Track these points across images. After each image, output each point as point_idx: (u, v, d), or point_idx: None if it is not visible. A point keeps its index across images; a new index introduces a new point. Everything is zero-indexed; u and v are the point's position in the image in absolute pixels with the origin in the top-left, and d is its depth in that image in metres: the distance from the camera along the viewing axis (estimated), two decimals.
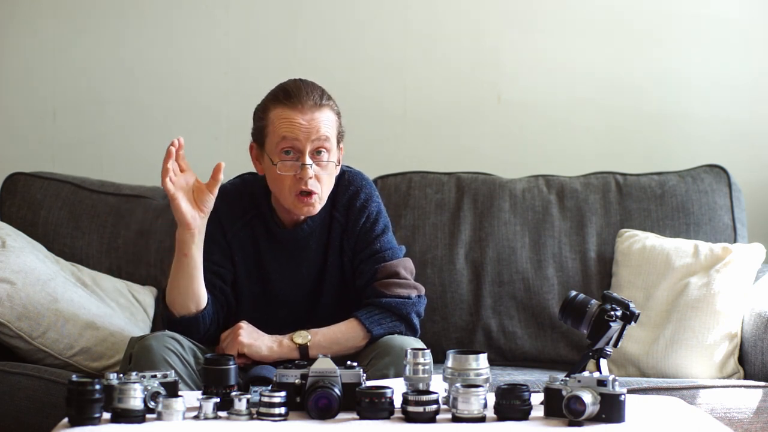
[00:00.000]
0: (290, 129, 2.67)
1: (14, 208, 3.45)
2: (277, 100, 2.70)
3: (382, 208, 2.82)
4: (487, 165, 3.64)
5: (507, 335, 3.38)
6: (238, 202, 2.79)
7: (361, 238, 2.77)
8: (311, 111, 2.67)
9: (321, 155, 2.68)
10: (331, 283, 2.78)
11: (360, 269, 2.76)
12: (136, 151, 3.82)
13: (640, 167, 3.62)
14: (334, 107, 2.73)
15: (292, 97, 2.68)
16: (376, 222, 2.78)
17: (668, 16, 3.80)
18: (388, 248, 2.77)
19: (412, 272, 2.78)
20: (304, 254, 2.77)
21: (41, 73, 3.81)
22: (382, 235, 2.78)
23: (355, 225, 2.77)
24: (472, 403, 2.21)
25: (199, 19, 3.82)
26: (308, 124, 2.66)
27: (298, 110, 2.67)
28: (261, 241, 2.77)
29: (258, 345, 2.66)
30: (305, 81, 2.74)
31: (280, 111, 2.68)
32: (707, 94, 3.80)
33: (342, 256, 2.78)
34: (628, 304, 2.47)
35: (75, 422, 2.15)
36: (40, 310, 3.04)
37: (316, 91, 2.70)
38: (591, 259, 3.41)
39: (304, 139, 2.66)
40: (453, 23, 3.82)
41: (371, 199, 2.80)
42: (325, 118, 2.69)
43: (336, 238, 2.78)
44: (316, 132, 2.67)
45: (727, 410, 2.88)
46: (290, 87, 2.71)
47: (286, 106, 2.68)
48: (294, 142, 2.67)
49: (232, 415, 2.24)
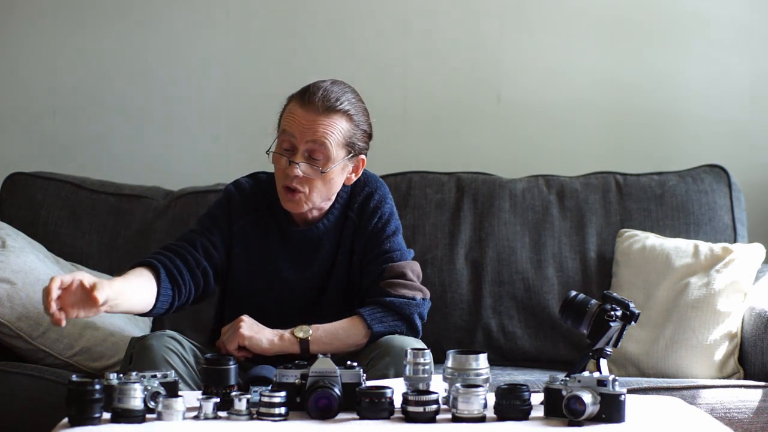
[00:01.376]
0: (290, 124, 2.67)
1: (14, 208, 3.45)
2: (295, 95, 2.71)
3: (395, 210, 2.83)
4: (487, 165, 3.64)
5: (507, 335, 3.38)
6: (252, 198, 2.79)
7: (372, 238, 2.77)
8: (316, 113, 2.65)
9: (315, 159, 2.67)
10: (338, 282, 2.79)
11: (367, 268, 2.76)
12: (136, 151, 3.82)
13: (640, 167, 3.62)
14: (351, 113, 2.69)
15: (305, 94, 2.68)
16: (388, 223, 2.79)
17: (668, 16, 3.80)
18: (397, 249, 2.77)
19: (419, 275, 2.78)
20: (317, 253, 2.77)
21: (41, 73, 3.81)
22: (392, 237, 2.78)
23: (367, 225, 2.78)
24: (472, 403, 2.21)
25: (199, 20, 3.82)
26: (308, 124, 2.66)
27: (305, 107, 2.66)
28: (271, 239, 2.77)
29: (259, 338, 2.66)
30: (337, 83, 2.72)
31: (292, 105, 2.69)
32: (707, 94, 3.80)
33: (352, 255, 2.79)
34: (628, 304, 2.47)
35: (75, 422, 2.15)
36: (40, 310, 3.04)
37: (334, 94, 2.67)
38: (591, 259, 3.41)
39: (299, 137, 2.66)
40: (453, 23, 3.82)
41: (385, 200, 2.81)
42: (330, 123, 2.66)
43: (348, 238, 2.78)
44: (312, 134, 2.65)
45: (727, 410, 2.88)
46: (312, 85, 2.70)
47: (297, 102, 2.68)
48: (290, 138, 2.67)
49: (232, 415, 2.24)
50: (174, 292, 2.64)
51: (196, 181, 3.64)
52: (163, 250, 2.70)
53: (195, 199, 3.47)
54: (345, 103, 2.68)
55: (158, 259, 2.65)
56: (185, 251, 2.69)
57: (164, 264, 2.64)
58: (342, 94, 2.69)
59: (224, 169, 3.77)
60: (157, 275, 2.62)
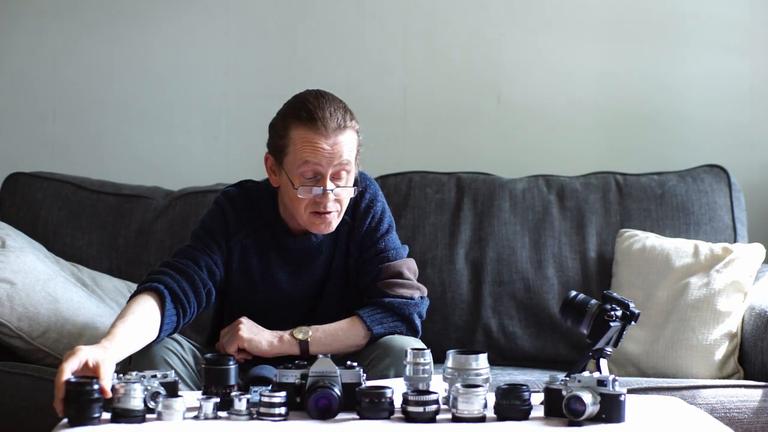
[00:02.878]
0: (313, 154, 2.61)
1: (14, 208, 3.46)
2: (299, 120, 2.62)
3: (386, 207, 2.81)
4: (487, 165, 3.64)
5: (507, 335, 3.38)
6: (245, 209, 2.75)
7: (366, 238, 2.76)
8: (335, 135, 2.61)
9: (341, 178, 2.65)
10: (335, 285, 2.78)
11: (364, 269, 2.76)
12: (136, 151, 3.82)
13: (640, 167, 3.62)
14: (355, 126, 2.66)
15: (316, 119, 2.60)
16: (381, 221, 2.78)
17: (668, 16, 3.80)
18: (392, 248, 2.76)
19: (415, 273, 2.78)
20: (316, 261, 2.76)
21: (41, 73, 3.81)
22: (386, 235, 2.77)
23: (361, 225, 2.76)
24: (472, 403, 2.21)
25: (199, 19, 3.82)
26: (331, 149, 2.61)
27: (321, 134, 2.60)
28: (269, 251, 2.75)
29: (258, 340, 2.66)
30: (327, 97, 2.66)
31: (303, 133, 2.61)
32: (707, 94, 3.80)
33: (347, 257, 2.78)
34: (628, 304, 2.47)
35: (74, 422, 2.15)
36: (40, 310, 3.04)
37: (338, 110, 2.63)
38: (591, 259, 3.41)
39: (326, 164, 2.61)
40: (453, 23, 3.82)
41: (376, 198, 2.79)
42: (348, 141, 2.63)
43: (343, 241, 2.77)
44: (339, 157, 2.62)
45: (727, 410, 2.87)
46: (313, 106, 2.62)
47: (309, 129, 2.61)
48: (316, 167, 2.61)
49: (232, 415, 2.23)
50: (178, 316, 2.59)
51: (196, 181, 3.64)
52: (170, 270, 2.62)
53: (195, 199, 3.47)
54: (348, 117, 2.65)
55: (164, 282, 2.58)
56: (192, 272, 2.63)
57: (170, 288, 2.58)
58: (341, 106, 2.65)
59: (224, 169, 3.77)
60: (161, 301, 2.55)
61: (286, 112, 2.66)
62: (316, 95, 2.66)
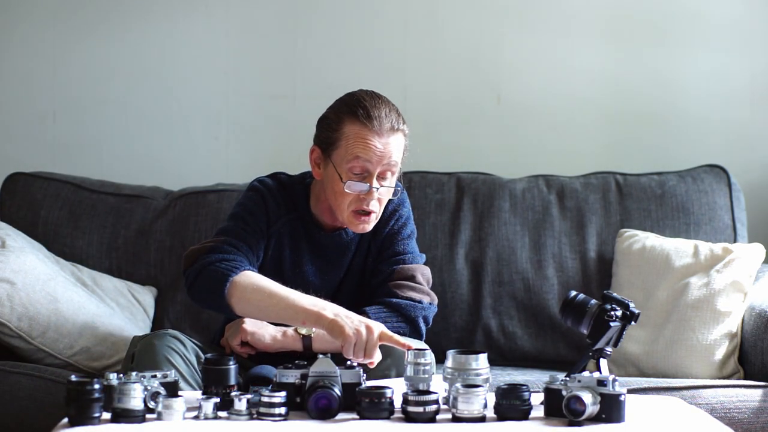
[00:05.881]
0: (365, 151, 2.63)
1: (14, 208, 3.46)
2: (355, 116, 2.65)
3: (411, 214, 2.84)
4: (487, 165, 3.64)
5: (507, 335, 3.38)
6: (283, 200, 2.77)
7: (387, 240, 2.78)
8: (388, 135, 2.65)
9: (387, 178, 2.67)
10: (352, 282, 2.79)
11: (378, 268, 2.77)
12: (136, 151, 3.82)
13: (640, 167, 3.62)
14: (405, 130, 2.70)
15: (372, 118, 2.64)
16: (404, 226, 2.80)
17: (668, 16, 3.80)
18: (409, 252, 2.78)
19: (429, 280, 2.79)
20: (344, 258, 2.78)
21: (41, 73, 3.81)
22: (406, 239, 2.79)
23: (384, 227, 2.78)
24: (472, 403, 2.21)
25: (199, 19, 3.82)
26: (383, 148, 2.64)
27: (375, 132, 2.64)
28: (301, 244, 2.77)
29: (261, 333, 2.66)
30: (383, 98, 2.70)
31: (358, 129, 2.64)
32: (707, 94, 3.80)
33: (367, 257, 2.79)
34: (628, 304, 2.47)
35: (75, 422, 2.15)
36: (40, 310, 3.04)
37: (393, 111, 2.67)
38: (591, 259, 3.41)
39: (376, 162, 2.64)
40: (453, 23, 3.82)
41: (403, 204, 2.82)
42: (398, 143, 2.67)
43: (366, 241, 2.79)
44: (389, 157, 2.65)
45: (727, 410, 2.88)
46: (370, 105, 2.66)
47: (364, 126, 2.64)
48: (366, 163, 2.64)
49: (232, 415, 2.24)
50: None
51: (196, 181, 3.64)
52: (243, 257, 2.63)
53: (195, 199, 3.47)
54: (401, 120, 2.69)
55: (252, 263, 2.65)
56: (249, 256, 2.66)
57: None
58: (394, 109, 2.69)
59: (224, 169, 3.77)
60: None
61: (341, 108, 2.69)
62: (371, 95, 2.70)
